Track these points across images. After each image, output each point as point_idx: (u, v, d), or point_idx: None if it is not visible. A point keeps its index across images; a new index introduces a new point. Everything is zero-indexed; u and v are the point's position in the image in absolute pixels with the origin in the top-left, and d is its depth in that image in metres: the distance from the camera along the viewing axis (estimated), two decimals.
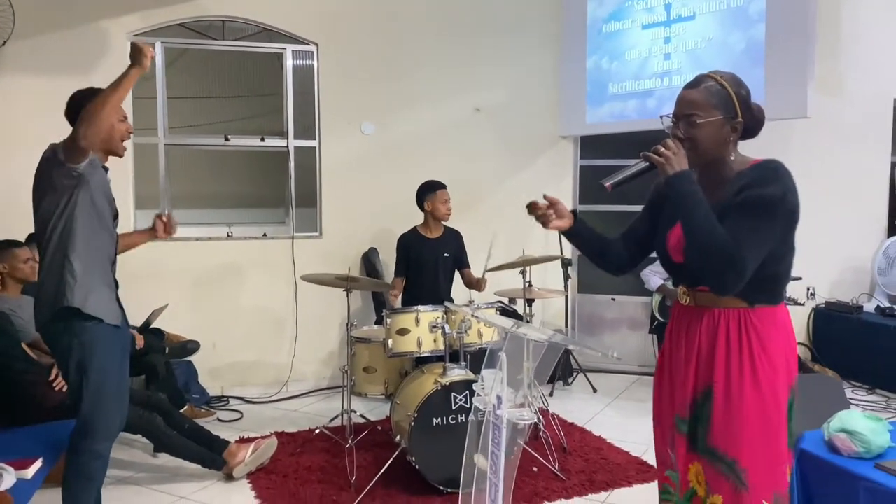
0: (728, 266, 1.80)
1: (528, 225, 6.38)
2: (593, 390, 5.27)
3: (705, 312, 1.96)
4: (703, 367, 1.95)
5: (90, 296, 2.65)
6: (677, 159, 1.87)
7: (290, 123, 5.35)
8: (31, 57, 4.69)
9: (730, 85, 1.93)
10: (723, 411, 1.89)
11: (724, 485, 1.89)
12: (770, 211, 1.83)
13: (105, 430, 2.74)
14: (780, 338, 1.92)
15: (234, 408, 4.90)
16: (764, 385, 1.87)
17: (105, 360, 2.69)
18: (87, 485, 2.77)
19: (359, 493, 3.37)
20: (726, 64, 4.77)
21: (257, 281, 5.26)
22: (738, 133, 1.95)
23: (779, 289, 1.96)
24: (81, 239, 2.65)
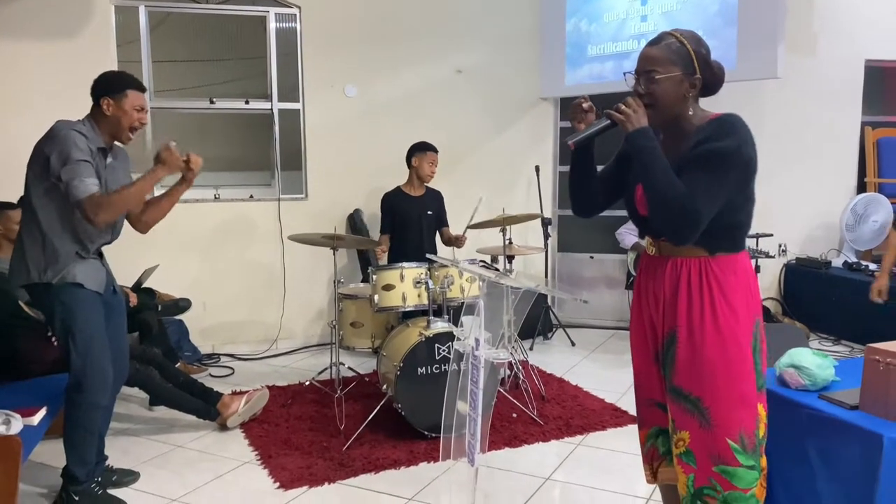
0: (682, 217, 1.89)
1: (509, 185, 6.59)
2: (572, 344, 5.47)
3: (669, 261, 2.05)
4: (667, 312, 2.05)
5: (71, 270, 2.81)
6: (637, 116, 1.95)
7: (274, 86, 5.42)
8: (19, 21, 4.73)
9: (689, 42, 1.99)
10: (686, 353, 2.00)
11: (690, 421, 2.00)
12: (724, 163, 1.89)
13: (99, 383, 2.88)
14: (739, 284, 1.99)
15: (226, 364, 5.06)
16: (724, 328, 1.96)
17: (89, 317, 2.85)
18: (86, 435, 2.93)
19: (348, 438, 3.55)
20: (700, 24, 4.89)
21: (245, 242, 5.39)
22: (697, 89, 2.01)
23: (738, 237, 2.04)
24: (66, 218, 2.80)
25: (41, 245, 2.81)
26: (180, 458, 3.46)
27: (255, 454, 3.49)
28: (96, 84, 2.91)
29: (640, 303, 2.16)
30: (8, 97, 4.73)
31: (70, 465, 2.93)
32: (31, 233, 2.83)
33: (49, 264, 2.80)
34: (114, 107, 2.87)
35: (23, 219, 2.89)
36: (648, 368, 2.17)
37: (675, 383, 2.03)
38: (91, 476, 2.99)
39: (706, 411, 1.98)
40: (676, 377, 2.03)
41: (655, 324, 2.10)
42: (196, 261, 5.24)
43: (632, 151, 1.99)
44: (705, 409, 1.98)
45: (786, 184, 5.61)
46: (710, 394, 1.97)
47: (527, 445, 3.58)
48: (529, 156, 5.99)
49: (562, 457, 3.46)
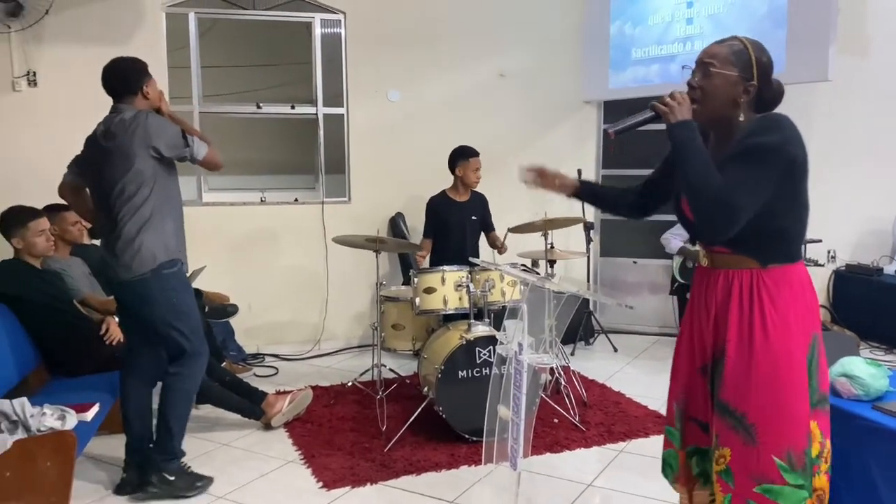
0: (717, 210, 1.82)
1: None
2: (614, 350, 5.42)
3: (721, 273, 2.00)
4: (719, 326, 2.00)
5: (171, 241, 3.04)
6: (681, 109, 1.89)
7: (319, 91, 5.50)
8: (72, 28, 4.87)
9: (752, 48, 1.95)
10: (733, 368, 1.94)
11: (734, 438, 1.93)
12: (764, 158, 1.83)
13: (205, 349, 3.19)
14: (794, 297, 1.92)
15: (270, 364, 5.14)
16: (775, 343, 1.89)
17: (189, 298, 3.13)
18: (189, 406, 3.19)
19: (389, 440, 3.58)
20: (748, 27, 4.81)
21: (289, 244, 5.47)
22: (751, 97, 1.95)
23: (791, 247, 1.97)
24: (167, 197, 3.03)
25: (158, 233, 2.98)
26: (225, 456, 3.52)
27: (299, 454, 3.54)
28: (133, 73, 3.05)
29: (692, 315, 2.11)
30: (58, 103, 4.87)
31: (170, 443, 3.08)
32: (141, 224, 2.95)
33: (165, 250, 2.99)
34: (151, 91, 3.07)
35: (123, 213, 2.95)
36: (694, 383, 2.10)
37: (722, 398, 1.97)
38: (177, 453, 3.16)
39: (751, 428, 1.91)
40: (723, 392, 1.96)
41: (705, 337, 2.04)
42: (242, 262, 5.33)
43: (672, 143, 1.93)
44: (750, 426, 1.91)
45: (835, 188, 5.47)
46: (755, 410, 1.90)
47: (568, 451, 3.56)
48: (572, 159, 5.94)
49: (604, 463, 3.43)
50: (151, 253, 2.95)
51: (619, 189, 2.39)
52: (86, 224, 4.31)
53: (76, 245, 4.08)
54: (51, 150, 4.84)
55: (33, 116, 4.85)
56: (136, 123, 2.92)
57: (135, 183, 2.94)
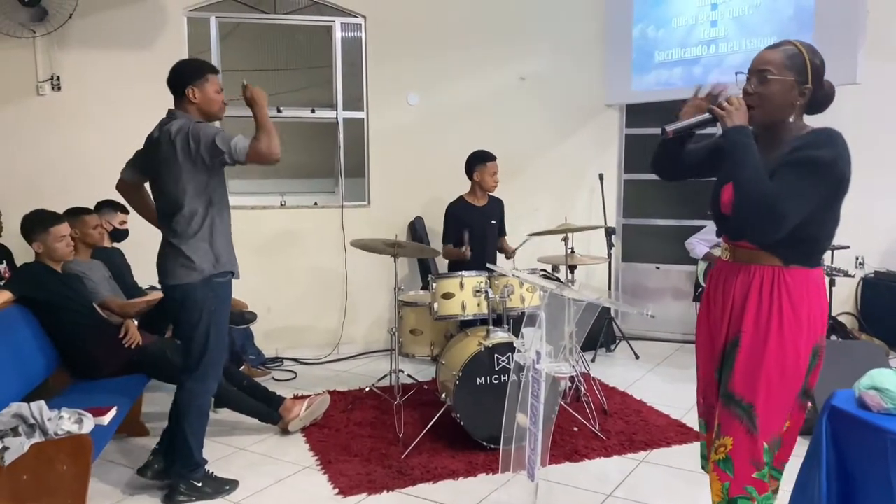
0: (769, 216, 1.89)
1: (572, 193, 6.51)
2: (636, 357, 5.35)
3: (742, 268, 2.08)
4: (734, 318, 2.08)
5: (223, 253, 3.05)
6: (738, 114, 1.97)
7: (339, 95, 5.49)
8: (94, 32, 4.91)
9: (806, 52, 2.01)
10: (746, 359, 2.02)
11: (737, 428, 2.03)
12: (817, 171, 1.91)
13: (219, 372, 3.19)
14: (810, 299, 2.01)
15: (288, 368, 5.14)
16: (788, 337, 1.98)
17: (226, 312, 3.12)
18: (204, 420, 3.16)
19: (406, 446, 3.55)
20: (774, 29, 4.73)
21: (309, 248, 5.46)
22: (806, 100, 2.02)
23: (815, 253, 2.05)
24: (219, 205, 3.05)
25: (208, 240, 3.00)
26: (242, 461, 3.51)
27: (315, 459, 3.52)
28: (178, 75, 3.02)
29: (709, 309, 2.20)
30: (80, 106, 4.92)
31: (191, 457, 3.10)
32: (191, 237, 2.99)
33: (217, 257, 3.01)
34: (200, 94, 3.00)
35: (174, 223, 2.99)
36: (713, 377, 2.19)
37: (730, 388, 2.05)
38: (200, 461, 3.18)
39: (756, 418, 2.01)
40: (732, 382, 2.05)
41: (720, 330, 2.13)
42: (262, 265, 5.33)
43: (727, 147, 1.98)
44: (756, 416, 2.01)
45: (864, 194, 5.26)
46: (763, 400, 2.00)
47: (588, 460, 3.50)
48: (593, 163, 5.90)
49: (624, 473, 3.37)
50: (200, 267, 2.98)
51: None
52: (107, 227, 4.35)
53: (97, 248, 4.10)
54: (74, 154, 4.91)
55: (57, 120, 4.90)
56: (180, 134, 2.90)
57: (185, 195, 2.96)
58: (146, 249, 3.22)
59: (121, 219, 4.45)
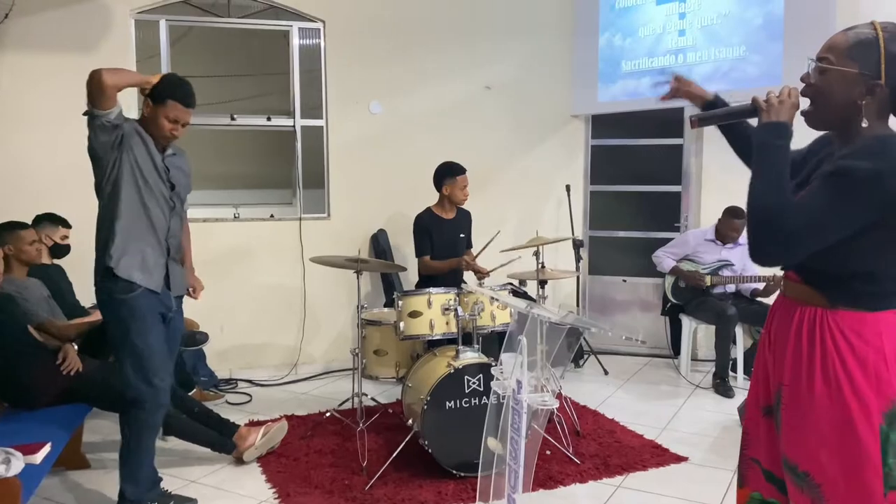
0: (769, 229, 1.57)
1: (539, 205, 6.36)
2: (605, 372, 5.21)
3: (789, 306, 1.75)
4: (777, 364, 1.77)
5: (123, 258, 2.83)
6: (781, 108, 1.63)
7: (297, 103, 5.26)
8: (34, 33, 4.60)
9: (887, 39, 1.59)
10: (790, 417, 1.69)
11: (803, 500, 1.67)
12: (847, 186, 1.54)
13: (156, 398, 2.90)
14: (865, 351, 1.60)
15: (243, 390, 4.86)
16: (838, 398, 1.60)
17: (148, 322, 2.87)
18: (142, 454, 2.96)
19: (371, 476, 3.33)
20: (743, 38, 4.68)
21: (265, 263, 5.20)
22: (877, 100, 1.61)
23: (875, 293, 1.63)
24: (125, 203, 2.83)
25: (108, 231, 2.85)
26: (194, 494, 3.24)
27: (273, 492, 3.27)
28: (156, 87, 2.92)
29: (763, 349, 1.85)
30: (18, 112, 4.60)
31: (121, 483, 2.94)
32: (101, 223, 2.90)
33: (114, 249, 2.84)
34: (150, 109, 2.90)
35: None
36: (756, 423, 1.85)
37: (784, 452, 1.72)
38: (141, 498, 2.95)
39: (818, 489, 1.63)
40: (783, 444, 1.72)
41: (769, 373, 1.80)
42: (214, 281, 5.01)
43: (754, 142, 1.67)
44: (816, 487, 1.63)
45: None
46: (818, 469, 1.62)
47: (563, 487, 3.33)
48: (560, 175, 5.77)
49: (601, 500, 3.21)
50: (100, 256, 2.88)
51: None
52: (46, 242, 4.05)
53: (35, 265, 3.79)
54: (11, 164, 4.58)
55: None
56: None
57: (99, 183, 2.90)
58: (90, 266, 2.95)
59: (62, 233, 4.15)
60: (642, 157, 5.71)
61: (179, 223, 3.08)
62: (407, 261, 5.02)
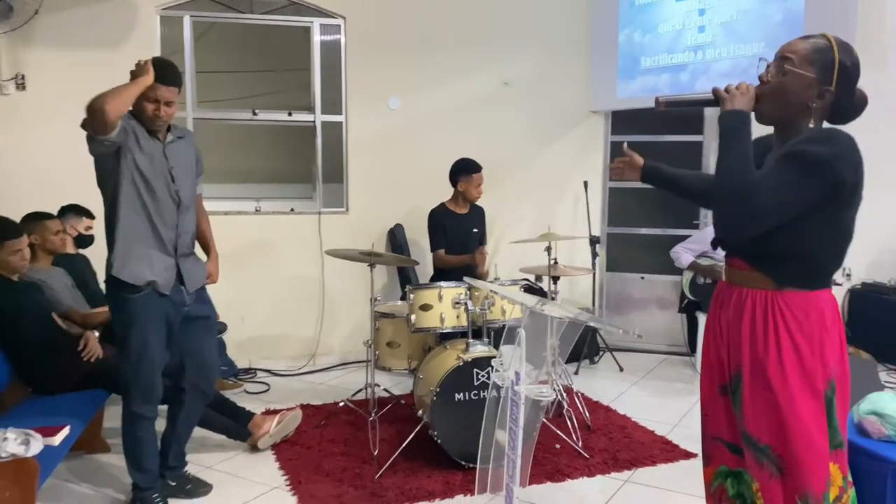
0: (742, 206, 1.69)
1: (556, 201, 6.37)
2: (620, 369, 5.22)
3: (735, 291, 1.89)
4: (731, 347, 1.88)
5: (127, 265, 2.79)
6: (741, 99, 1.77)
7: (318, 98, 5.33)
8: (62, 30, 4.73)
9: (839, 50, 1.79)
10: (750, 397, 1.81)
11: (761, 472, 1.81)
12: (806, 169, 1.70)
13: (142, 394, 2.90)
14: (811, 327, 1.77)
15: (262, 380, 4.96)
16: (791, 373, 1.75)
17: (146, 326, 2.83)
18: (137, 445, 2.96)
19: (381, 465, 3.38)
20: (762, 35, 4.64)
21: (285, 256, 5.29)
22: (825, 104, 1.80)
23: (816, 272, 1.82)
24: (125, 207, 2.79)
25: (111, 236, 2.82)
26: (209, 480, 3.32)
27: (286, 479, 3.35)
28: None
29: (710, 332, 1.99)
30: (46, 107, 4.72)
31: (129, 471, 3.00)
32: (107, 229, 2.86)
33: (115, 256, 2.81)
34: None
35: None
36: (714, 402, 1.98)
37: (746, 429, 1.85)
38: (151, 484, 3.00)
39: (777, 459, 1.78)
40: (745, 422, 1.84)
41: (722, 357, 1.93)
42: (236, 273, 5.13)
43: (720, 130, 1.79)
44: (776, 458, 1.78)
45: None
46: (779, 441, 1.77)
47: (570, 480, 3.35)
48: (578, 171, 5.77)
49: (608, 494, 3.23)
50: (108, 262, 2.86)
51: (696, 174, 2.24)
52: (71, 233, 4.16)
53: (60, 255, 3.91)
54: (38, 156, 4.71)
55: (21, 121, 4.70)
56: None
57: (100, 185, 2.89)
58: None
59: (86, 224, 4.27)
60: (662, 154, 5.65)
61: (190, 217, 3.00)
62: (424, 255, 5.06)
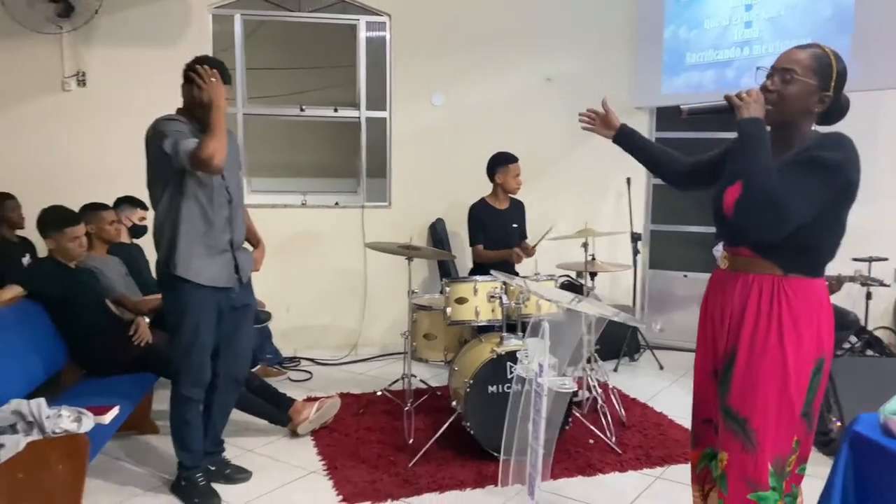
0: (774, 211, 1.81)
1: (598, 197, 6.32)
2: (660, 367, 5.19)
3: (740, 277, 2.01)
4: (732, 330, 2.01)
5: (193, 262, 2.89)
6: (756, 106, 1.90)
7: (363, 94, 5.44)
8: (120, 28, 4.93)
9: (834, 59, 1.95)
10: (743, 373, 1.96)
11: (733, 443, 1.96)
12: (825, 174, 1.84)
13: (191, 378, 3.01)
14: (811, 311, 1.93)
15: (305, 368, 5.09)
16: (788, 350, 1.91)
17: (199, 317, 2.94)
18: (183, 426, 3.07)
19: (415, 454, 3.46)
20: (811, 30, 4.55)
21: (329, 248, 5.42)
22: (824, 107, 1.96)
23: (817, 262, 1.98)
24: (187, 205, 2.87)
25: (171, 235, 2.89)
26: (250, 464, 3.45)
27: (323, 464, 3.46)
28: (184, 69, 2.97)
29: (706, 319, 2.14)
30: (104, 102, 4.94)
31: (175, 450, 3.11)
32: (163, 225, 2.93)
33: (179, 255, 2.88)
34: (186, 92, 2.94)
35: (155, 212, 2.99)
36: (707, 386, 2.15)
37: (728, 403, 2.00)
38: (195, 463, 3.12)
39: (752, 433, 1.95)
40: (730, 397, 1.99)
41: (718, 341, 2.07)
42: (282, 264, 5.28)
43: (740, 137, 1.91)
44: (752, 431, 1.95)
45: None
46: (760, 415, 1.94)
47: (602, 475, 3.38)
48: (621, 167, 5.72)
49: (638, 490, 3.25)
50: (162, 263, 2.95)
51: (664, 149, 2.46)
52: (125, 223, 4.35)
53: (114, 244, 4.10)
54: (97, 150, 4.93)
55: (81, 116, 4.93)
56: (151, 129, 2.88)
57: (150, 188, 2.97)
58: None
59: (140, 215, 4.46)
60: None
61: (241, 212, 3.11)
62: (465, 249, 5.12)
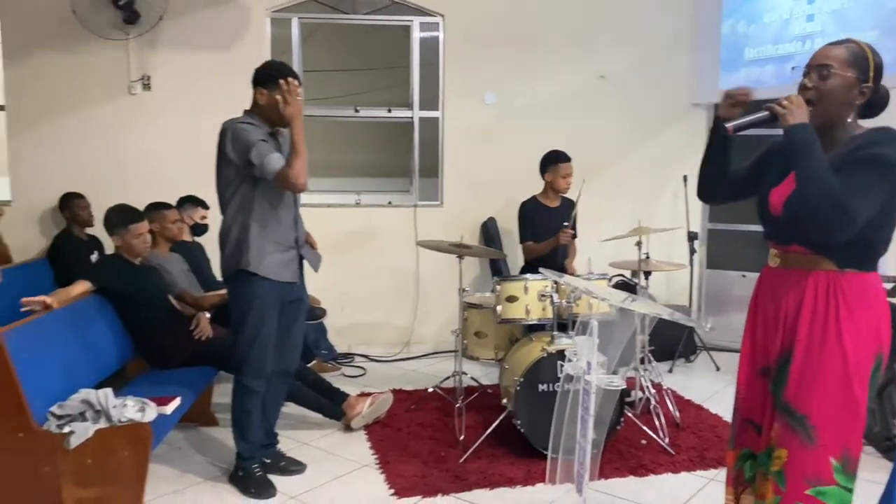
0: (839, 214, 1.81)
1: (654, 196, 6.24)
2: (716, 368, 5.10)
3: (794, 274, 2.00)
4: (787, 327, 1.99)
5: (264, 259, 2.99)
6: (799, 112, 1.89)
7: (416, 94, 5.49)
8: (183, 33, 5.11)
9: (869, 51, 1.96)
10: (800, 369, 1.94)
11: (792, 439, 1.94)
12: (882, 169, 1.84)
13: (254, 370, 3.10)
14: (867, 305, 1.93)
15: (359, 364, 5.18)
16: (848, 348, 1.89)
17: (265, 310, 3.04)
18: (244, 416, 3.16)
19: (465, 450, 3.49)
20: (876, 23, 4.40)
21: (382, 247, 5.50)
22: (865, 99, 1.96)
23: (871, 256, 1.98)
24: (259, 205, 2.98)
25: (242, 232, 2.99)
26: (305, 456, 3.54)
27: (375, 458, 3.52)
28: (256, 73, 3.04)
29: (756, 317, 2.13)
30: (168, 107, 5.12)
31: (234, 440, 3.20)
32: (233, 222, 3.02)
33: (251, 252, 2.97)
34: (266, 96, 2.98)
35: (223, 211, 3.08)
36: (754, 384, 2.12)
37: (785, 399, 1.98)
38: (253, 454, 3.21)
39: (812, 430, 1.92)
40: (788, 392, 1.98)
41: (769, 339, 2.06)
42: (337, 263, 5.37)
43: (789, 144, 1.91)
44: (811, 428, 1.93)
45: None
46: (817, 412, 1.92)
47: (654, 475, 3.35)
48: (677, 165, 5.65)
49: (692, 491, 3.20)
50: (230, 260, 3.04)
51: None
52: (188, 222, 4.51)
53: (177, 242, 4.25)
54: (161, 151, 5.12)
55: (146, 119, 5.12)
56: (224, 132, 2.96)
57: (221, 187, 3.04)
58: None
59: (201, 214, 4.61)
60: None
61: (299, 210, 3.20)
62: (515, 248, 5.13)
